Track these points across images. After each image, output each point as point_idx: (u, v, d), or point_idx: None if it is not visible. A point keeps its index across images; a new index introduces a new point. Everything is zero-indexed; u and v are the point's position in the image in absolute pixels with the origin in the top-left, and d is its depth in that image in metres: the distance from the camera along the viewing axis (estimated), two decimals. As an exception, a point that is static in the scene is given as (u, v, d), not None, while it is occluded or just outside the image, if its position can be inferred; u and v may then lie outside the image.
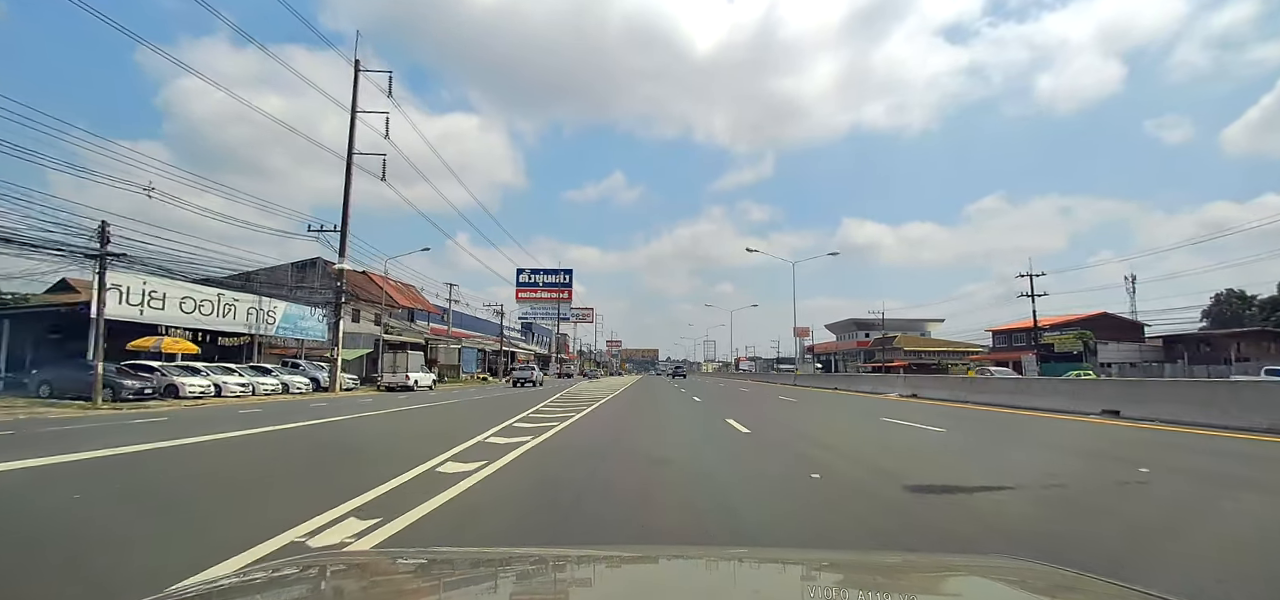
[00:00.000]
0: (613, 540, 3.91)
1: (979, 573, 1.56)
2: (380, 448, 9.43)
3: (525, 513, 5.07)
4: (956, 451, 9.14)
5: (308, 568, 1.48)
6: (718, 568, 1.62)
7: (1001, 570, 1.53)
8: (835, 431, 11.69)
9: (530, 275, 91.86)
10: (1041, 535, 4.31)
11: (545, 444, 9.07)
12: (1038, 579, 1.35)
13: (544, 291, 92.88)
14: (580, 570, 1.55)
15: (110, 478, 6.85)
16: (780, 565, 1.66)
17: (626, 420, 14.18)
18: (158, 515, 5.11)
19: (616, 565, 1.62)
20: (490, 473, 6.52)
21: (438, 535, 4.22)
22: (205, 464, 7.79)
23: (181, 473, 7.18)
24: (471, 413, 16.06)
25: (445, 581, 1.38)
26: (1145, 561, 3.76)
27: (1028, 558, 1.61)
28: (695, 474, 6.89)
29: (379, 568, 1.59)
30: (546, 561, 1.67)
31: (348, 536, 4.11)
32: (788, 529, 4.59)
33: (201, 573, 2.94)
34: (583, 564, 1.63)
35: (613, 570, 1.57)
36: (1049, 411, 15.22)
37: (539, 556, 1.82)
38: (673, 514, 4.99)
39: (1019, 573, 1.43)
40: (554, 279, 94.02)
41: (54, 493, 5.98)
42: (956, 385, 24.15)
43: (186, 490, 6.19)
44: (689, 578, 1.48)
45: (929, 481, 6.13)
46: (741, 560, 1.76)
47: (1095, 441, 9.79)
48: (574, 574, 1.52)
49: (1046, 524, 4.63)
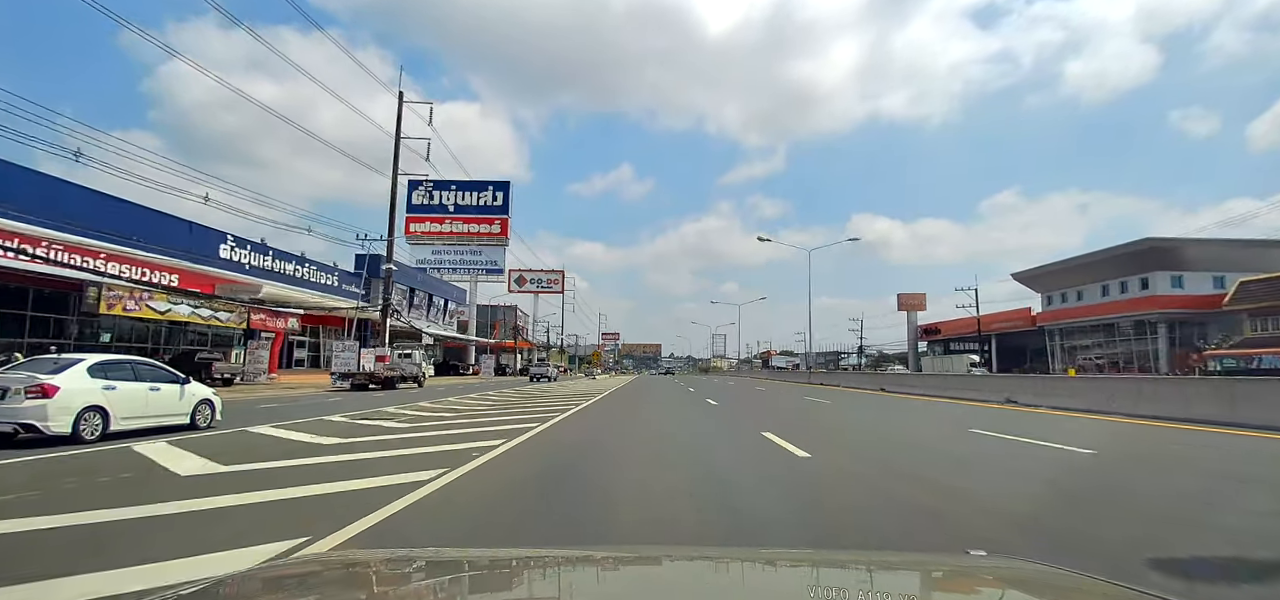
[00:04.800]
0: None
1: (979, 573, 1.52)
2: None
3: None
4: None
5: (307, 569, 1.57)
6: (718, 568, 1.60)
7: (1002, 570, 1.55)
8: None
9: (429, 192, 51.87)
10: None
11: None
12: (1038, 579, 1.35)
13: (457, 222, 53.14)
14: (580, 571, 1.52)
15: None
16: (780, 565, 1.66)
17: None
18: None
19: (616, 566, 1.59)
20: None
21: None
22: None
23: None
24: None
25: (445, 583, 1.39)
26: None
27: (1028, 558, 1.64)
28: None
29: (379, 569, 1.50)
30: (546, 563, 1.65)
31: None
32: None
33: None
34: (583, 565, 1.60)
35: (613, 571, 1.53)
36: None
37: (539, 558, 1.81)
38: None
39: (1019, 573, 1.44)
40: (474, 199, 54.09)
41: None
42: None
43: None
44: (689, 578, 1.46)
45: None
46: (741, 560, 1.78)
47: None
48: (574, 575, 1.48)
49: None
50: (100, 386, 8.71)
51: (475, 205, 52.15)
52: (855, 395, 24.58)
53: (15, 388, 8.05)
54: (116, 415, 8.77)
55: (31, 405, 7.99)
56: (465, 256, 52.09)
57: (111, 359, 9.67)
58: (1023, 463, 7.78)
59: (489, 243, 52.31)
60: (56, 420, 8.08)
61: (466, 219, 51.81)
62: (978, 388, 21.21)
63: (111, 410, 8.72)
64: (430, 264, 51.29)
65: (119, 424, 8.79)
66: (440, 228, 51.75)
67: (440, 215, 51.93)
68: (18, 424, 7.94)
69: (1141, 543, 4.09)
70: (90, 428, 8.43)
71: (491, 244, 52.34)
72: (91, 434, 8.43)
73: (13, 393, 8.02)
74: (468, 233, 51.97)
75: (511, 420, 12.32)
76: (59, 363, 9.04)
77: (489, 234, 52.21)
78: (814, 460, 7.44)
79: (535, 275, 68.22)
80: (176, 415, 9.66)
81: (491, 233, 52.26)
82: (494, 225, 52.26)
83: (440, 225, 51.76)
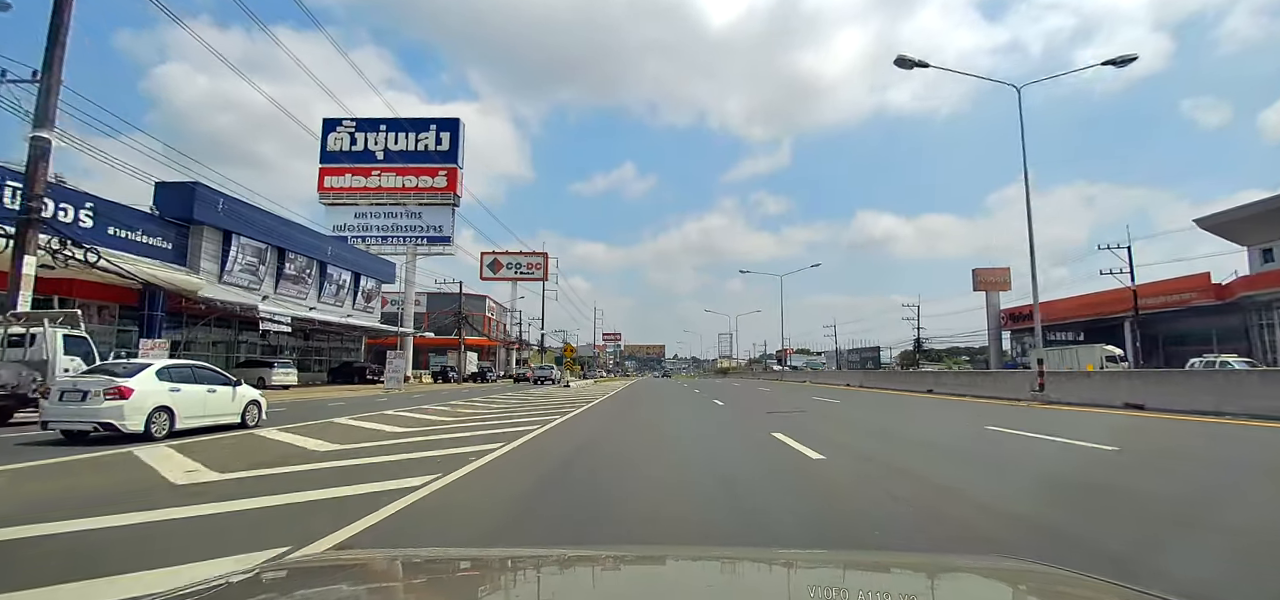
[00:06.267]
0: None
1: (979, 573, 1.51)
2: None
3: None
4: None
5: (305, 569, 1.57)
6: (718, 567, 1.56)
7: (1001, 570, 1.51)
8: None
9: (351, 134, 38.91)
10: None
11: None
12: (1038, 579, 1.33)
13: (389, 173, 40.00)
14: (580, 571, 1.48)
15: None
16: (780, 565, 1.62)
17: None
18: None
19: (617, 566, 1.57)
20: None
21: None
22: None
23: None
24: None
25: (444, 582, 1.37)
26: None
27: (1028, 558, 1.60)
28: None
29: (377, 569, 1.50)
30: (546, 562, 1.59)
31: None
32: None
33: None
34: (583, 564, 1.55)
35: (613, 571, 1.51)
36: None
37: (539, 557, 1.78)
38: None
39: (1019, 573, 1.42)
40: (412, 143, 40.79)
41: None
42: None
43: None
44: (689, 578, 1.43)
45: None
46: (741, 560, 1.74)
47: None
48: (574, 575, 1.44)
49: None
50: (167, 388, 9.14)
51: (413, 150, 38.76)
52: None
53: (95, 390, 8.48)
54: (180, 415, 9.12)
55: (110, 406, 8.39)
56: (400, 221, 38.68)
57: (175, 362, 10.70)
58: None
59: (431, 202, 38.79)
60: (131, 419, 8.46)
61: (401, 170, 38.42)
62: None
63: (176, 410, 9.09)
64: (352, 231, 37.97)
65: (182, 423, 9.11)
66: (365, 182, 38.46)
67: (365, 166, 38.65)
68: (98, 423, 8.35)
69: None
70: (159, 426, 8.75)
71: (435, 203, 38.81)
72: (160, 432, 8.72)
73: (92, 395, 8.44)
74: (402, 189, 38.58)
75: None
76: (128, 366, 9.39)
77: (431, 190, 38.72)
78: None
79: (513, 258, 54.81)
80: (229, 415, 10.04)
81: (435, 189, 38.77)
82: (437, 178, 38.75)
83: (365, 179, 38.48)
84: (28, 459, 6.79)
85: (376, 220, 38.57)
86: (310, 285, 29.41)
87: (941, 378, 26.37)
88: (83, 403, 8.34)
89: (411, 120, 39.51)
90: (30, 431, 9.41)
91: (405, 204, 38.54)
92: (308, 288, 29.00)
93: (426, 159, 38.71)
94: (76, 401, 8.39)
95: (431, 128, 39.17)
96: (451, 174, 38.76)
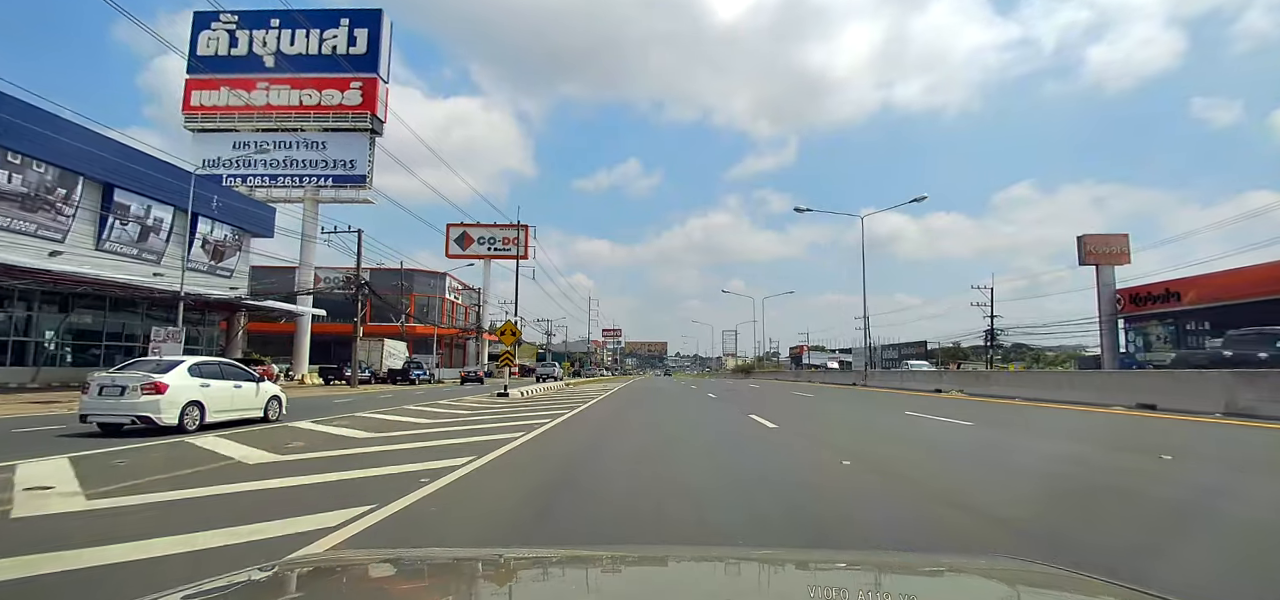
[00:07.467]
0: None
1: (979, 573, 1.52)
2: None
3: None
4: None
5: (305, 570, 1.52)
6: (718, 568, 1.57)
7: (1001, 570, 1.49)
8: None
9: (231, 34, 27.48)
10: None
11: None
12: (1038, 579, 1.34)
13: (281, 87, 28.53)
14: (580, 571, 1.50)
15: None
16: (781, 565, 1.61)
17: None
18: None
19: (617, 566, 1.57)
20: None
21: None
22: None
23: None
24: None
25: (444, 583, 1.37)
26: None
27: (1028, 558, 1.57)
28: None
29: (376, 569, 1.50)
30: (546, 562, 1.61)
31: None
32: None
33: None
34: (583, 565, 1.57)
35: (613, 571, 1.51)
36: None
37: (538, 557, 1.78)
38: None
39: (1019, 573, 1.42)
40: (313, 44, 29.23)
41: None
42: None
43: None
44: (689, 578, 1.44)
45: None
46: (742, 560, 1.74)
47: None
48: (574, 575, 1.46)
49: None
50: (198, 384, 9.63)
51: (315, 55, 27.68)
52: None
53: (133, 385, 8.99)
54: (210, 409, 9.64)
55: (146, 401, 8.93)
56: (295, 154, 27.60)
57: (205, 359, 11.29)
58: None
59: (337, 126, 27.67)
60: (166, 413, 8.97)
61: (299, 81, 27.39)
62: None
63: (207, 405, 9.60)
64: (227, 168, 26.98)
65: (211, 417, 9.59)
66: (248, 98, 27.41)
67: (249, 76, 27.63)
68: (136, 416, 8.86)
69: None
70: (191, 420, 9.24)
71: (345, 128, 27.69)
72: (192, 425, 9.19)
73: (130, 390, 8.96)
74: (300, 107, 27.52)
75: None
76: (161, 363, 10.02)
77: (339, 108, 27.61)
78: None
79: (485, 232, 43.72)
80: (253, 409, 10.51)
81: (345, 107, 27.65)
82: (349, 92, 27.64)
83: (248, 95, 27.44)
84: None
85: (263, 155, 27.53)
86: (74, 218, 18.27)
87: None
88: (121, 397, 8.87)
89: (315, 11, 28.89)
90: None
91: (303, 129, 27.49)
92: (67, 220, 17.89)
93: (334, 67, 27.65)
94: (115, 396, 8.91)
95: (342, 23, 28.07)
96: (369, 87, 27.63)
